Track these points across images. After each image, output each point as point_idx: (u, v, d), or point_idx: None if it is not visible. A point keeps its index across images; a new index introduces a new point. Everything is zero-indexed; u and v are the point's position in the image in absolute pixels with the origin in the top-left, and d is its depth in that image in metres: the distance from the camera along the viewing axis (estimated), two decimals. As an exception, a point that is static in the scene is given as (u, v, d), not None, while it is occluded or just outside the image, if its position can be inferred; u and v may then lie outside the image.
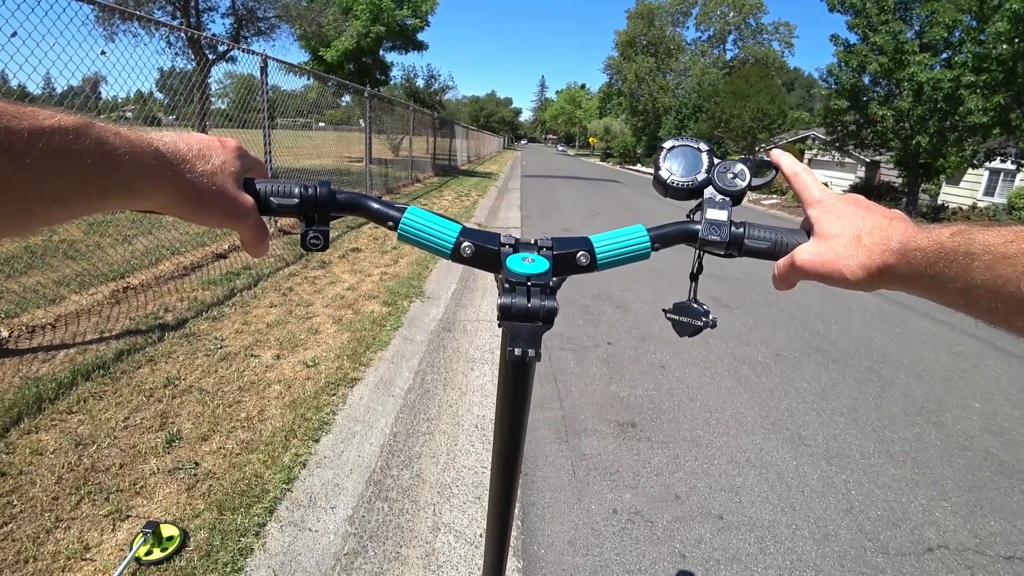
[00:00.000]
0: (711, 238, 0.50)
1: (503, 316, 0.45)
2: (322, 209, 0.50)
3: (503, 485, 0.60)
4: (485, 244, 0.50)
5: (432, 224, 0.51)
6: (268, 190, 0.49)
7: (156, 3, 9.68)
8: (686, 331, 0.56)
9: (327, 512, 1.95)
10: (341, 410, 2.62)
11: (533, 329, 0.45)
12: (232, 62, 10.16)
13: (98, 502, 1.86)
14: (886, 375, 3.72)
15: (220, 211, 0.44)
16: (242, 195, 0.46)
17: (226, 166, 0.45)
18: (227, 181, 0.45)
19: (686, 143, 0.55)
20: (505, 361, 0.48)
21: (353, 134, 13.63)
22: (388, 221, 0.51)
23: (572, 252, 0.51)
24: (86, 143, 0.33)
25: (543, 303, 0.45)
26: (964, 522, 2.25)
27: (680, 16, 46.65)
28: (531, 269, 0.46)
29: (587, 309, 4.64)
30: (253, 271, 4.56)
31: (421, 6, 18.34)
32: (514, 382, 0.51)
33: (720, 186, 0.52)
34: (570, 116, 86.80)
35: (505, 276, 0.47)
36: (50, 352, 2.81)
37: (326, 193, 0.50)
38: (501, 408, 0.54)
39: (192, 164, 0.42)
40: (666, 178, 0.53)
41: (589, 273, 0.52)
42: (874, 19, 13.05)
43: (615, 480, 2.36)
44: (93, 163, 0.34)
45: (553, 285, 0.47)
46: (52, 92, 4.58)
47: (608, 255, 0.51)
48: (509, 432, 0.55)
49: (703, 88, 31.66)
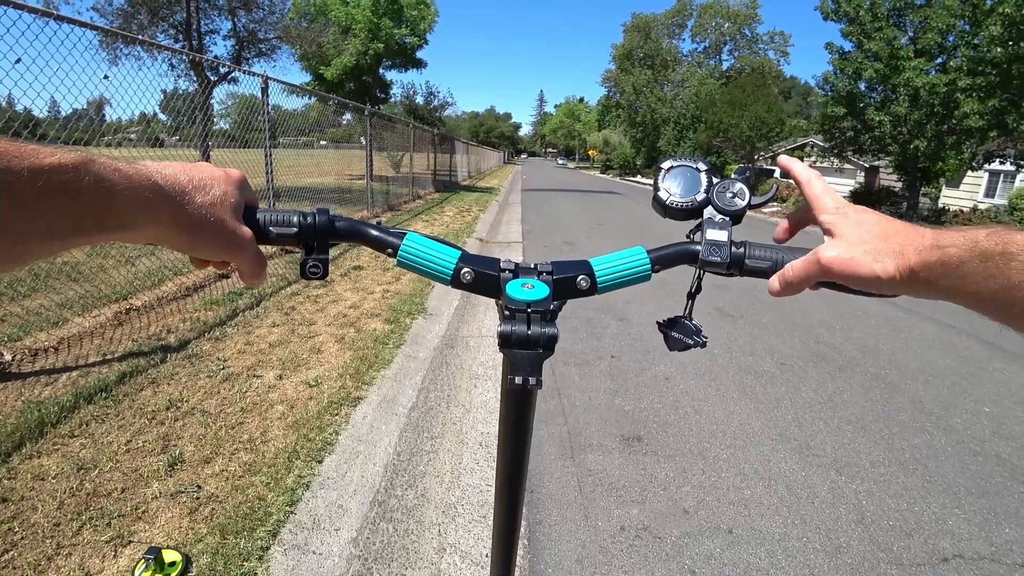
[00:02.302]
0: (712, 259, 0.50)
1: (503, 344, 0.44)
2: (321, 237, 0.50)
3: (507, 511, 0.59)
4: (484, 270, 0.50)
5: (431, 250, 0.50)
6: (267, 219, 0.49)
7: (159, 27, 9.82)
8: (676, 346, 0.55)
9: (331, 534, 1.93)
10: (344, 430, 2.60)
11: (534, 356, 0.44)
12: (234, 83, 10.29)
13: (100, 528, 1.84)
14: (893, 381, 3.69)
15: (219, 243, 0.44)
16: (240, 226, 0.46)
17: (227, 197, 0.45)
18: (226, 213, 0.44)
19: (684, 163, 0.54)
20: (506, 389, 0.48)
21: (354, 152, 13.74)
22: (387, 248, 0.51)
23: (572, 276, 0.50)
24: (85, 180, 0.33)
25: (543, 330, 0.44)
26: (978, 530, 2.21)
27: (676, 28, 47.07)
28: (531, 296, 0.46)
29: (590, 322, 4.62)
30: (255, 291, 4.56)
31: (419, 24, 18.58)
32: (516, 409, 0.50)
33: (720, 206, 0.51)
34: (569, 129, 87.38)
35: (505, 303, 0.46)
36: (53, 375, 2.81)
37: (325, 221, 0.50)
38: (503, 435, 0.53)
39: (191, 196, 0.42)
40: (665, 199, 0.53)
41: (590, 296, 0.51)
42: (868, 26, 13.15)
43: (622, 496, 2.33)
44: (91, 199, 0.34)
45: (554, 309, 0.47)
46: (57, 115, 4.64)
47: (609, 279, 0.51)
48: (512, 458, 0.54)
49: (700, 98, 31.88)
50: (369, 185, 10.28)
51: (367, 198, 10.03)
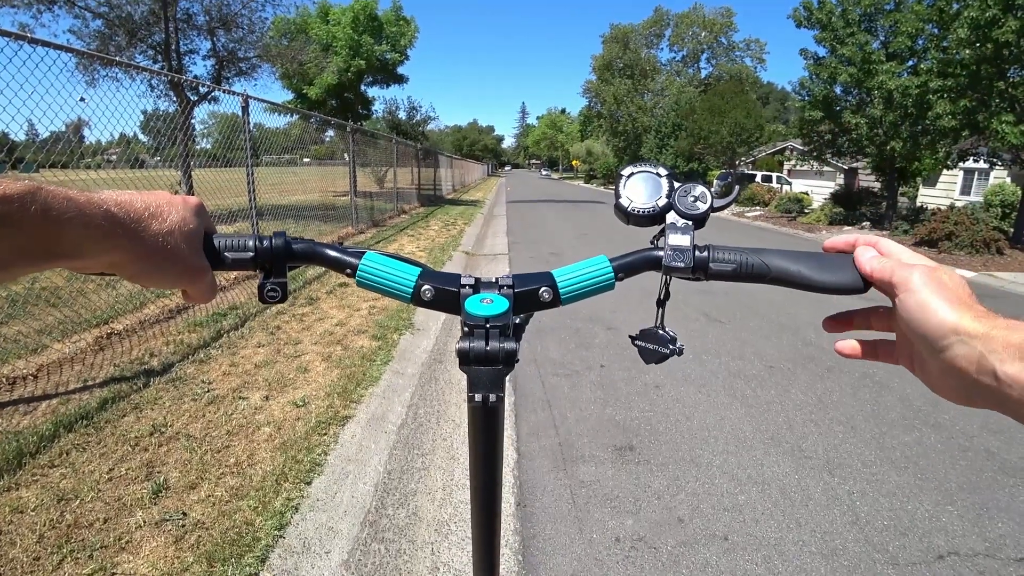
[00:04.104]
0: (675, 264, 0.49)
1: (462, 361, 0.44)
2: (278, 260, 0.49)
3: (484, 532, 0.57)
4: (444, 286, 0.49)
5: (390, 269, 0.49)
6: (222, 245, 0.48)
7: (137, 48, 9.75)
8: (652, 358, 0.54)
9: (321, 557, 1.88)
10: (333, 450, 2.56)
11: (494, 373, 0.43)
12: (215, 102, 10.24)
13: (81, 560, 1.78)
14: (881, 380, 3.72)
15: (175, 272, 0.43)
16: (196, 254, 0.45)
17: (184, 223, 0.44)
18: (181, 240, 0.43)
19: (645, 169, 0.54)
20: (470, 407, 0.47)
21: (338, 168, 13.71)
22: (346, 268, 0.50)
23: (534, 289, 0.49)
24: (32, 209, 0.33)
25: (502, 345, 0.43)
26: (972, 526, 2.22)
27: (654, 38, 47.82)
28: (489, 311, 0.45)
29: (579, 332, 4.61)
30: (240, 311, 4.50)
31: (400, 40, 18.67)
32: (483, 427, 0.49)
33: (681, 210, 0.51)
34: (552, 140, 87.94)
35: (464, 319, 0.46)
36: (31, 404, 2.74)
37: (281, 244, 0.49)
38: (473, 455, 0.51)
39: (147, 223, 0.41)
40: (627, 205, 0.52)
41: (554, 308, 0.51)
42: (840, 32, 13.43)
43: (616, 506, 2.31)
44: (38, 229, 0.33)
45: (520, 322, 0.45)
46: (35, 138, 4.57)
47: (571, 290, 0.50)
48: (485, 477, 0.52)
49: (680, 106, 32.28)
50: (353, 201, 10.24)
51: (351, 214, 9.99)
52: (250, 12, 10.73)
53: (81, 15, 8.98)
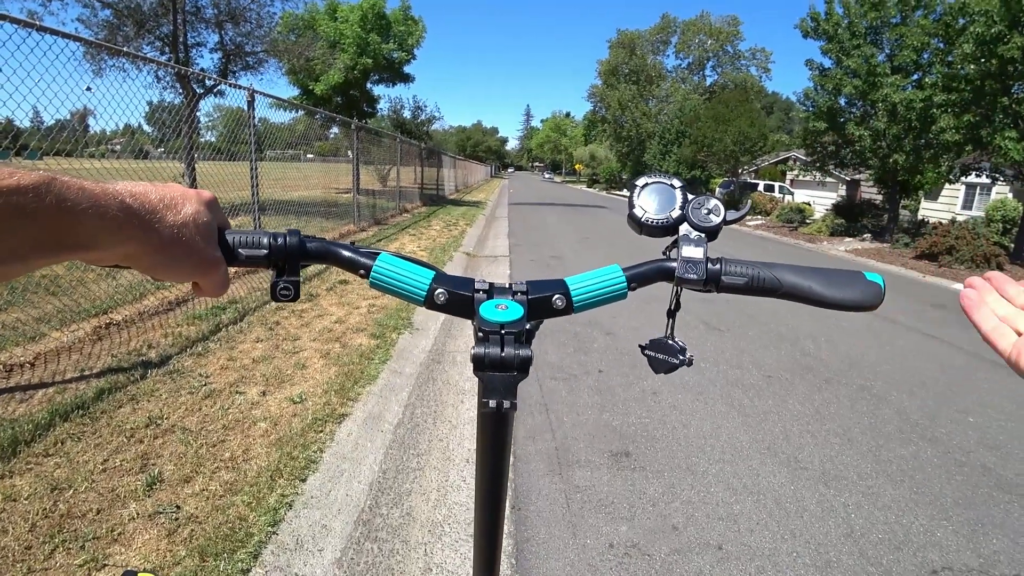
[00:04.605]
0: (688, 276, 0.49)
1: (477, 367, 0.43)
2: (291, 259, 0.49)
3: (487, 536, 0.57)
4: (458, 291, 0.49)
5: (404, 271, 0.49)
6: (237, 241, 0.47)
7: (145, 39, 9.75)
8: (662, 368, 0.54)
9: (314, 555, 1.88)
10: (329, 447, 2.55)
11: (508, 379, 0.43)
12: (220, 96, 10.24)
13: (73, 551, 1.77)
14: (879, 392, 3.72)
15: (189, 264, 0.43)
16: (210, 247, 0.45)
17: (198, 216, 0.44)
18: (196, 233, 0.43)
19: (659, 180, 0.54)
20: (481, 412, 0.46)
21: (341, 165, 13.72)
22: (360, 269, 0.50)
23: (548, 296, 0.50)
24: (47, 200, 0.32)
25: (517, 352, 0.43)
26: (967, 541, 2.21)
27: (660, 45, 47.84)
28: (504, 317, 0.45)
29: (577, 336, 4.61)
30: (239, 305, 4.50)
31: (407, 39, 18.68)
32: (492, 432, 0.49)
33: (695, 222, 0.51)
34: (556, 144, 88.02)
35: (478, 324, 0.45)
36: (28, 392, 2.73)
37: (295, 242, 0.49)
38: (481, 459, 0.51)
39: (162, 215, 0.41)
40: (640, 216, 0.53)
41: (566, 315, 0.51)
42: (846, 44, 13.47)
43: (610, 512, 2.31)
44: (53, 220, 0.33)
45: (530, 328, 0.46)
46: (40, 126, 4.58)
47: (584, 298, 0.50)
48: (491, 482, 0.52)
49: (685, 113, 32.32)
50: (356, 198, 10.24)
51: (354, 212, 9.98)
52: (259, 6, 10.72)
53: (90, 4, 8.97)
